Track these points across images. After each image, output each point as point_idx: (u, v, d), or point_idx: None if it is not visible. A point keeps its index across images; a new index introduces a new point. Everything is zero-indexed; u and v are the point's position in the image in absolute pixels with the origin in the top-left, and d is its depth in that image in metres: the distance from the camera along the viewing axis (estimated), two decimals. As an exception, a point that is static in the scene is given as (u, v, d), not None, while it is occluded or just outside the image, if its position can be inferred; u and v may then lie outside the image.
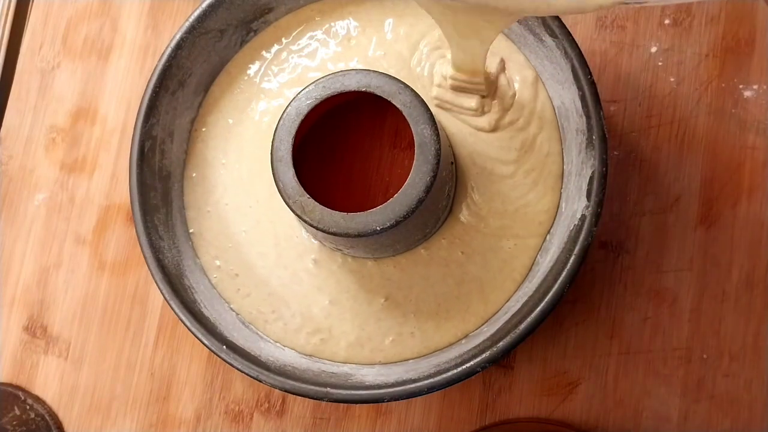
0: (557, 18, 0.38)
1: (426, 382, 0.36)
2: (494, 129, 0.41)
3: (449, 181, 0.40)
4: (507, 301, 0.40)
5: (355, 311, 0.41)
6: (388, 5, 0.44)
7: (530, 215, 0.40)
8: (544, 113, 0.41)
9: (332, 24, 0.44)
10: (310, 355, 0.41)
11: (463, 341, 0.40)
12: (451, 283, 0.40)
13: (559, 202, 0.40)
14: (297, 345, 0.41)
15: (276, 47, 0.44)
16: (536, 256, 0.40)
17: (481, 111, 0.41)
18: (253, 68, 0.44)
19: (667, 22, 0.45)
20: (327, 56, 0.44)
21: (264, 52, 0.44)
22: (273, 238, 0.42)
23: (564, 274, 0.36)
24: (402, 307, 0.41)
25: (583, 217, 0.37)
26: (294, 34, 0.44)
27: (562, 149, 0.41)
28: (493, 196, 0.41)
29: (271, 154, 0.38)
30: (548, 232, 0.40)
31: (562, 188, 0.40)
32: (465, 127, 0.42)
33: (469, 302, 0.40)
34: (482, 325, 0.40)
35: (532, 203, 0.41)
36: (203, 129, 0.44)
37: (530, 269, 0.40)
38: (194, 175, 0.44)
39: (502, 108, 0.41)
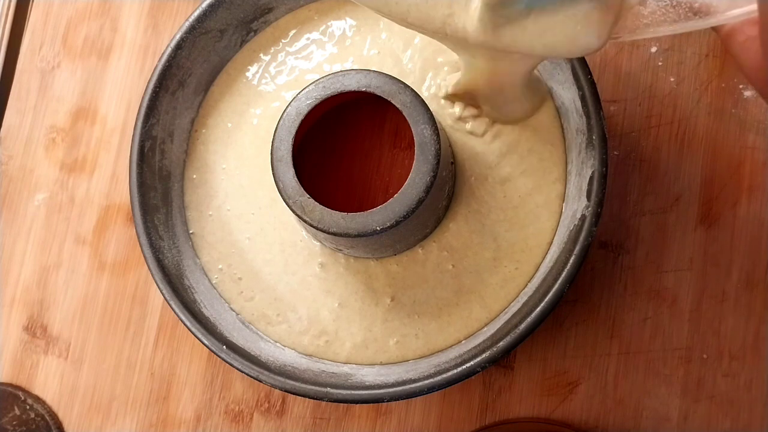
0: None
1: (426, 382, 0.36)
2: (507, 180, 0.41)
3: (449, 181, 0.40)
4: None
5: (363, 313, 0.41)
6: None
7: (532, 243, 0.40)
8: (555, 137, 0.41)
9: (329, 24, 0.44)
10: (311, 355, 0.41)
11: (464, 341, 0.40)
12: (449, 291, 0.40)
13: (561, 213, 0.40)
14: (299, 346, 0.41)
15: (273, 49, 0.44)
16: (540, 266, 0.40)
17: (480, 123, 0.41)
18: (252, 70, 0.44)
19: (667, 22, 0.45)
20: (323, 57, 0.44)
21: (262, 54, 0.44)
22: (279, 245, 0.42)
23: (564, 274, 0.36)
24: (407, 308, 0.40)
25: (583, 217, 0.37)
26: (291, 35, 0.44)
27: (566, 160, 0.41)
28: (485, 235, 0.40)
29: (271, 154, 0.38)
30: (551, 243, 0.40)
31: (564, 202, 0.40)
32: (475, 168, 0.41)
33: (471, 309, 0.40)
34: (483, 326, 0.40)
35: (535, 234, 0.40)
36: (203, 131, 0.44)
37: (533, 276, 0.40)
38: (195, 177, 0.44)
39: (518, 155, 0.41)
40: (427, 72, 0.42)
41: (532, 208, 0.40)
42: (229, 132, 0.44)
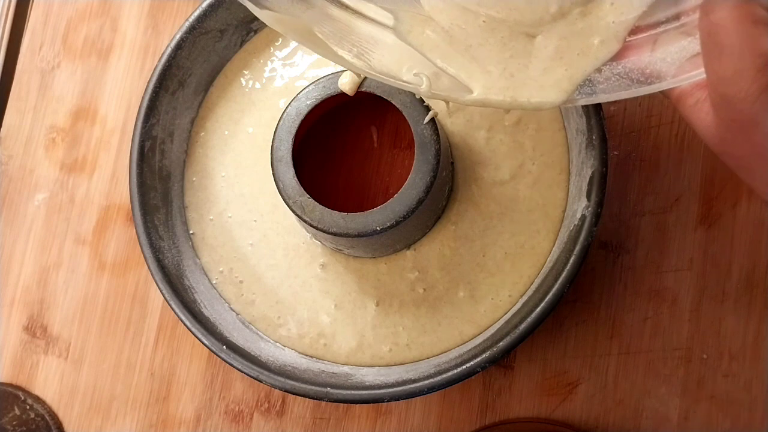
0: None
1: (426, 382, 0.36)
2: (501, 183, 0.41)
3: (448, 182, 0.40)
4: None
5: (354, 316, 0.41)
6: None
7: (526, 270, 0.40)
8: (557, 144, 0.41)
9: None
10: (311, 356, 0.41)
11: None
12: (428, 313, 0.40)
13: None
14: (299, 347, 0.41)
15: (266, 53, 0.44)
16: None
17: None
18: (247, 75, 0.44)
19: (667, 22, 0.45)
20: (310, 61, 0.43)
21: (255, 59, 0.44)
22: (282, 249, 0.42)
23: (564, 274, 0.36)
24: (390, 317, 0.40)
25: (583, 217, 0.37)
26: (281, 39, 0.44)
27: (569, 162, 0.41)
28: (467, 270, 0.40)
29: (271, 154, 0.38)
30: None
31: (565, 208, 0.40)
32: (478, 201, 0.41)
33: (461, 328, 0.40)
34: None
35: (530, 264, 0.40)
36: (202, 133, 0.44)
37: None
38: (194, 179, 0.44)
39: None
40: None
41: (528, 250, 0.40)
42: (225, 140, 0.44)
